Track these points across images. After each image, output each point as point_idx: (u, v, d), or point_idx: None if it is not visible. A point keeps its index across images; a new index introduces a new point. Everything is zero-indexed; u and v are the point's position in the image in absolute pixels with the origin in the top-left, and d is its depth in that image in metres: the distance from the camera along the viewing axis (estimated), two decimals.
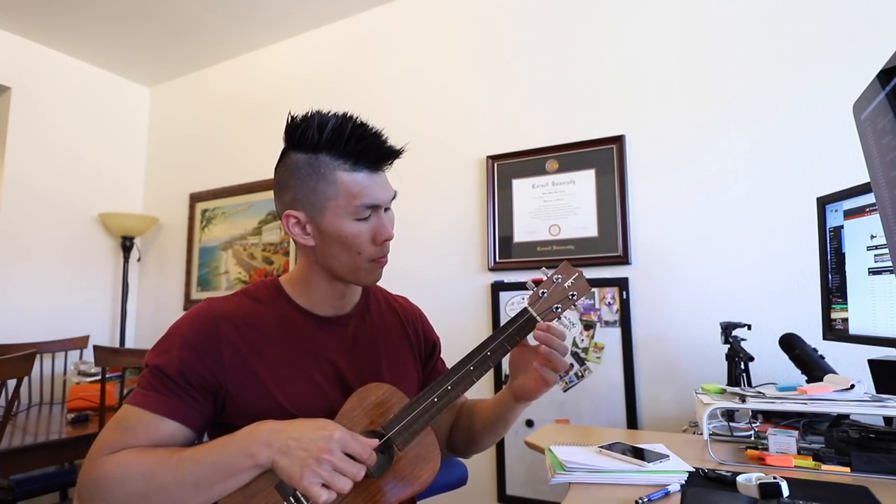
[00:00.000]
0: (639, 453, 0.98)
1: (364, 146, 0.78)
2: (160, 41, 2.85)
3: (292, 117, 0.80)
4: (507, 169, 2.10)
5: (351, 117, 0.79)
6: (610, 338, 1.83)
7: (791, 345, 1.33)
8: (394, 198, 0.84)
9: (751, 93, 1.71)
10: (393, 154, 0.82)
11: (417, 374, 0.99)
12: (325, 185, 0.78)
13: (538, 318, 0.83)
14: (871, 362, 1.22)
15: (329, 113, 0.79)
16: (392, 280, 0.96)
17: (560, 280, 0.86)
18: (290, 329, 0.83)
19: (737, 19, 1.76)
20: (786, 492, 0.75)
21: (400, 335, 0.97)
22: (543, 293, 0.85)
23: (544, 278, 0.86)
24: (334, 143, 0.77)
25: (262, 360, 0.79)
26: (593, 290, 1.87)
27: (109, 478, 0.69)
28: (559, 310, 0.85)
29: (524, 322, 0.83)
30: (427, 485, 0.77)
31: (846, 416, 1.12)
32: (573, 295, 0.85)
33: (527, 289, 0.86)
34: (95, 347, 1.68)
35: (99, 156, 3.09)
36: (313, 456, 0.67)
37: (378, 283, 0.92)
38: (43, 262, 2.79)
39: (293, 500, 0.70)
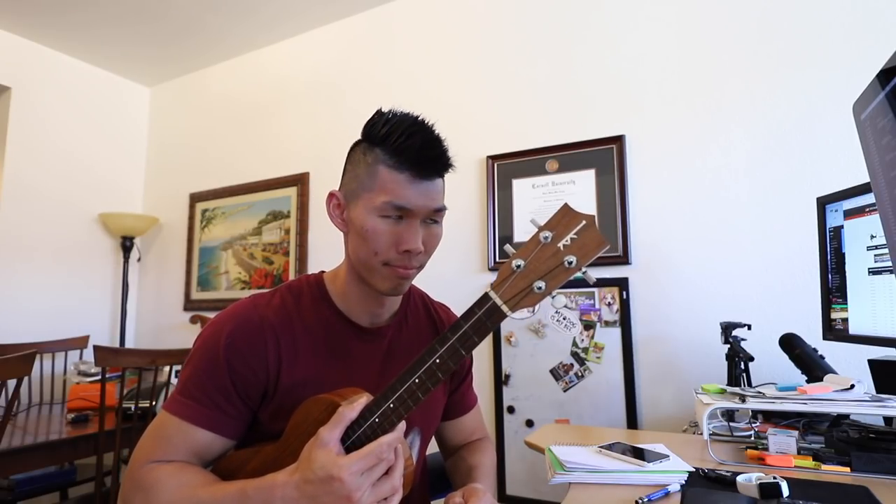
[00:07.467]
0: (639, 453, 0.98)
1: (409, 144, 0.72)
2: (160, 41, 2.85)
3: (376, 111, 0.78)
4: (507, 169, 2.10)
5: (416, 117, 0.76)
6: (610, 338, 1.83)
7: (791, 345, 1.33)
8: (439, 211, 0.76)
9: (751, 92, 1.71)
10: (438, 162, 0.75)
11: (444, 397, 0.94)
12: (366, 175, 0.75)
13: (504, 308, 0.58)
14: (871, 362, 1.22)
15: (404, 112, 0.77)
16: None
17: (550, 239, 0.56)
18: (329, 336, 0.81)
19: (737, 19, 1.76)
20: (786, 492, 0.76)
21: None
22: (519, 266, 0.56)
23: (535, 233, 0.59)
24: (388, 137, 0.74)
25: (300, 366, 0.77)
26: (593, 289, 1.86)
27: (153, 489, 0.69)
28: (543, 290, 0.56)
29: (483, 315, 0.59)
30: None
31: (846, 416, 1.12)
32: (571, 262, 0.55)
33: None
34: (95, 347, 1.68)
35: (99, 155, 3.09)
36: None
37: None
38: (43, 262, 2.79)
39: None
